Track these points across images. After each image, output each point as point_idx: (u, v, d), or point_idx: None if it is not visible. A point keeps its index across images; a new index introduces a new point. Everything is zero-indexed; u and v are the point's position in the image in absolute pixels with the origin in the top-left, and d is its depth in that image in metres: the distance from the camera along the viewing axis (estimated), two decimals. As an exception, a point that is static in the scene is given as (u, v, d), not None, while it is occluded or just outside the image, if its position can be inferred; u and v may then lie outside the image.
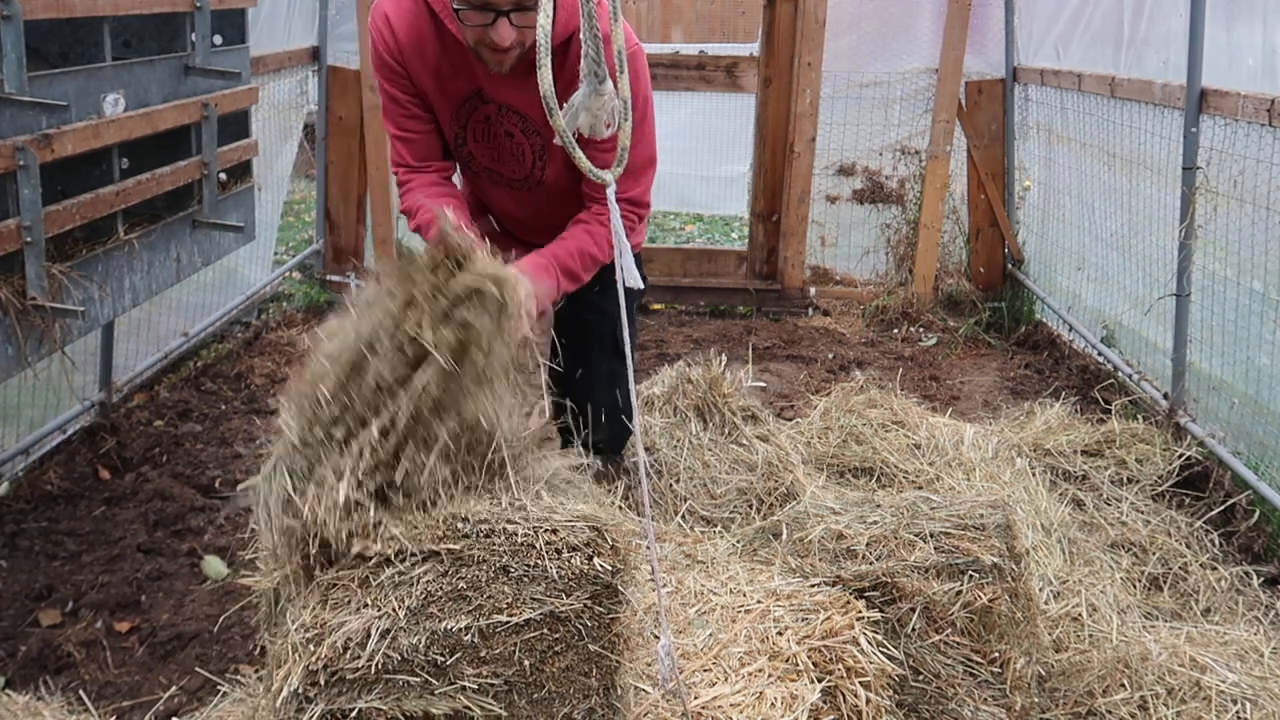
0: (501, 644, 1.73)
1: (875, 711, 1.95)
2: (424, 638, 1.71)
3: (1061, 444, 3.66)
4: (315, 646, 1.72)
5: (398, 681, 1.71)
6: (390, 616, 1.71)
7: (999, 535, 2.28)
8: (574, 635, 1.76)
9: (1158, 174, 4.11)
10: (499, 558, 1.75)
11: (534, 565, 1.75)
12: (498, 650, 1.73)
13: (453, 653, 1.71)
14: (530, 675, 1.74)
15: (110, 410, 4.04)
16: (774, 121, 5.74)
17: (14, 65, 2.26)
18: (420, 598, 1.73)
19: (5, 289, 2.31)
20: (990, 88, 5.73)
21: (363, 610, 1.73)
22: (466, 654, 1.72)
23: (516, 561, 1.75)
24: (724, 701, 1.90)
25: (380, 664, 1.70)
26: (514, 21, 2.26)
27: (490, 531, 1.77)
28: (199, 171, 3.07)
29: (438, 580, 1.74)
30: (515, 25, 2.26)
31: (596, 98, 1.78)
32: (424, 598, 1.73)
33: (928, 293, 5.74)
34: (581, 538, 1.77)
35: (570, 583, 1.75)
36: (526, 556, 1.75)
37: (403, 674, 1.70)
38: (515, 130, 2.56)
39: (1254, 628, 2.79)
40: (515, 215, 2.79)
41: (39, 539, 3.26)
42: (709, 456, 3.22)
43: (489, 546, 1.76)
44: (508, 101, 2.50)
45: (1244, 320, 3.56)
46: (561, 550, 1.76)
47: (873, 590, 2.17)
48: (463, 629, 1.71)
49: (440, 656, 1.71)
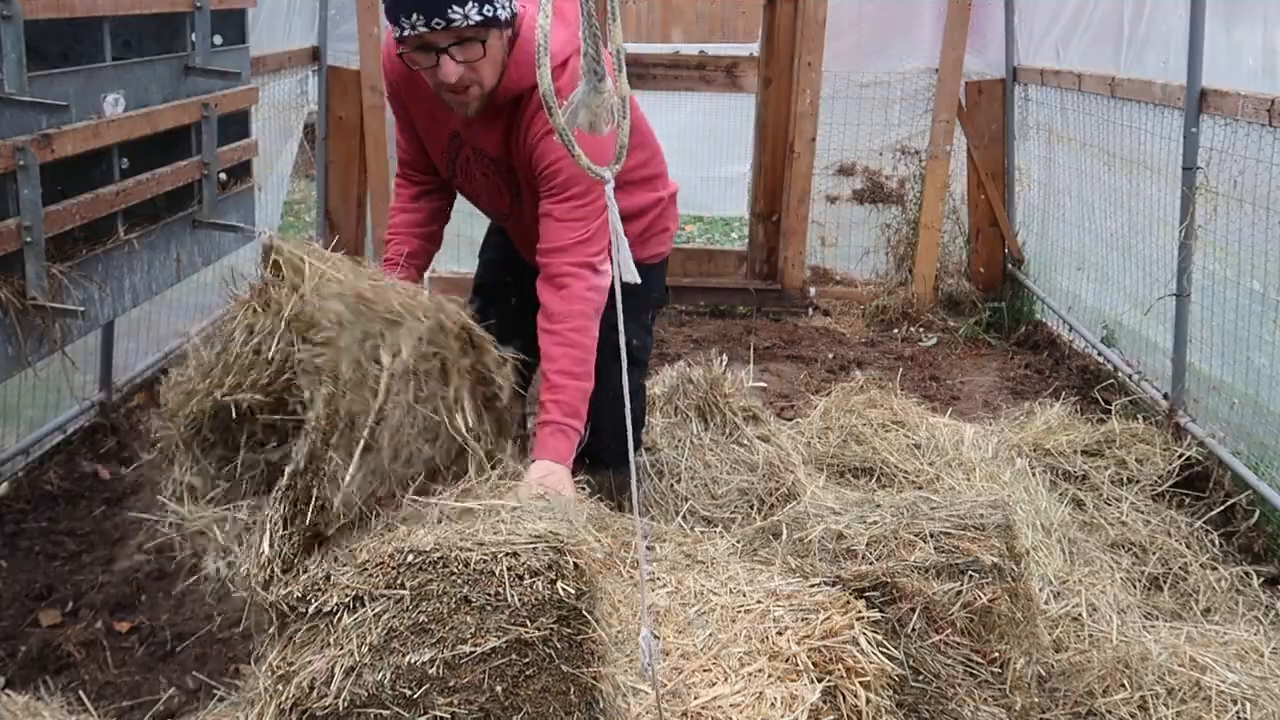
0: (470, 673, 1.70)
1: (875, 711, 1.95)
2: (388, 673, 1.69)
3: (1061, 444, 3.65)
4: (283, 686, 1.72)
5: (369, 715, 1.70)
6: (353, 655, 1.70)
7: (999, 535, 2.28)
8: (544, 659, 1.73)
9: (1158, 174, 4.11)
10: (459, 589, 1.72)
11: (495, 594, 1.71)
12: (466, 679, 1.71)
13: (420, 685, 1.70)
14: (505, 699, 1.72)
15: (110, 410, 4.04)
16: (774, 121, 5.73)
17: (14, 65, 2.25)
18: (382, 634, 1.71)
19: (5, 289, 2.30)
20: (990, 88, 5.73)
21: (325, 650, 1.72)
22: (434, 685, 1.70)
23: (477, 591, 1.72)
24: (724, 701, 1.90)
25: (348, 700, 1.69)
26: (457, 57, 2.26)
27: (444, 560, 1.73)
28: (199, 171, 3.07)
29: (399, 615, 1.72)
30: (460, 61, 2.26)
31: (596, 95, 1.77)
32: (386, 634, 1.71)
33: (928, 293, 5.74)
34: (543, 561, 1.73)
35: (534, 609, 1.71)
36: (487, 585, 1.72)
37: (372, 708, 1.69)
38: (489, 172, 2.58)
39: (1254, 628, 2.78)
40: (516, 239, 2.82)
41: (39, 539, 3.26)
42: (710, 456, 3.22)
43: (447, 577, 1.73)
44: (477, 145, 2.54)
45: (1244, 320, 3.56)
46: (523, 575, 1.72)
47: (873, 590, 2.17)
48: (427, 662, 1.69)
49: (408, 690, 1.69)
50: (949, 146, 5.66)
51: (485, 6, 2.21)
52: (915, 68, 5.68)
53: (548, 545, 1.74)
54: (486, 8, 2.22)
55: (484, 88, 2.34)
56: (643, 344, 2.85)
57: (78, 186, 2.56)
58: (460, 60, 2.26)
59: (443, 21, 2.19)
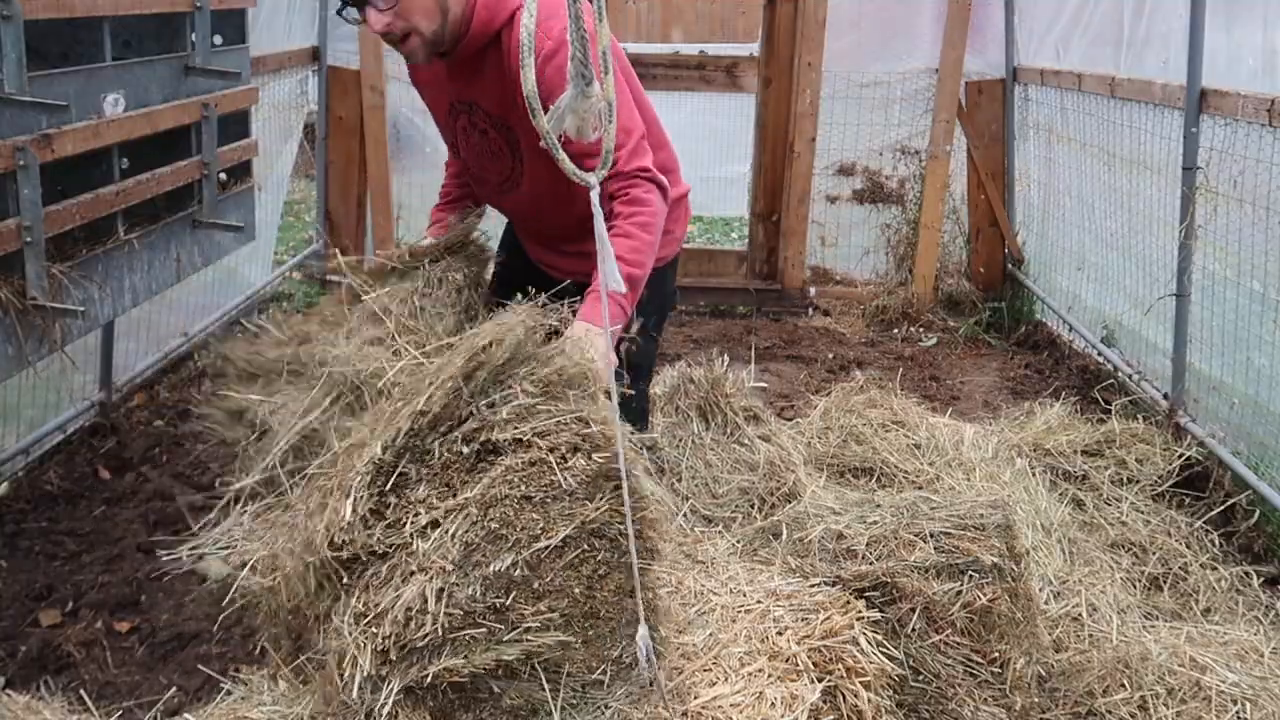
0: (550, 572, 1.77)
1: (875, 711, 1.95)
2: (478, 585, 1.74)
3: (1061, 444, 3.66)
4: (376, 627, 1.75)
5: (464, 638, 1.74)
6: (440, 575, 1.74)
7: (999, 535, 2.28)
8: (612, 549, 1.80)
9: (1157, 174, 4.11)
10: (515, 489, 1.79)
11: (549, 484, 1.78)
12: (549, 580, 1.77)
13: (508, 592, 1.75)
14: (584, 603, 1.78)
15: (110, 410, 4.04)
16: (774, 121, 5.74)
17: (14, 65, 2.25)
18: (461, 550, 1.76)
19: (5, 289, 2.31)
20: (990, 88, 5.73)
21: (411, 578, 1.76)
22: (521, 591, 1.76)
23: (533, 486, 1.79)
24: (724, 701, 1.90)
25: (445, 624, 1.73)
26: (380, 5, 2.25)
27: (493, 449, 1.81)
28: (199, 171, 3.07)
29: (471, 529, 1.77)
30: (382, 9, 2.25)
31: (583, 100, 1.76)
32: (464, 548, 1.76)
33: (928, 293, 5.74)
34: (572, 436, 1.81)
35: (588, 487, 1.79)
36: (540, 478, 1.79)
37: (468, 628, 1.74)
38: (488, 129, 2.55)
39: (1254, 628, 2.79)
40: (522, 225, 2.80)
41: (39, 539, 3.26)
42: (711, 456, 3.22)
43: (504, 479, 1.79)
44: (474, 101, 2.51)
45: (1244, 320, 3.56)
46: (566, 456, 1.80)
47: (873, 590, 2.17)
48: (510, 565, 1.75)
49: (498, 599, 1.75)
50: (949, 146, 5.66)
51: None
52: (915, 68, 5.68)
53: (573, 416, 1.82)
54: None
55: (424, 34, 2.31)
56: (644, 350, 2.81)
57: (78, 186, 2.56)
58: (383, 9, 2.25)
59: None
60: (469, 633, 1.74)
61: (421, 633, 1.73)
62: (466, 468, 1.83)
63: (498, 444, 1.84)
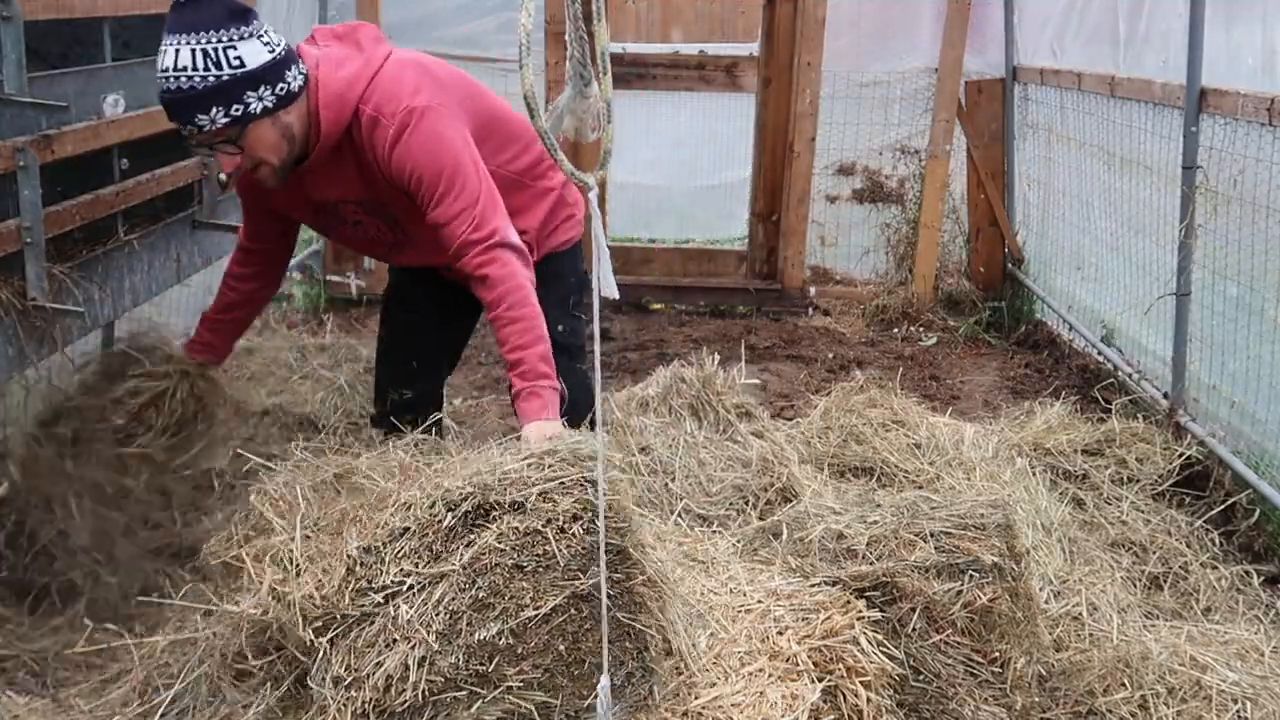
0: (535, 636, 1.76)
1: (875, 711, 1.95)
2: (460, 654, 1.73)
3: (1061, 443, 3.65)
4: (356, 691, 1.75)
5: (445, 700, 1.73)
6: (423, 645, 1.74)
7: (999, 535, 2.28)
8: (599, 608, 1.78)
9: (1157, 174, 4.11)
10: (508, 558, 1.77)
11: (543, 554, 1.77)
12: (533, 644, 1.76)
13: (491, 659, 1.74)
14: (568, 656, 1.77)
15: (110, 410, 4.03)
16: (774, 121, 5.73)
17: (14, 65, 2.26)
18: (446, 618, 1.75)
19: (6, 290, 2.31)
20: (990, 87, 5.73)
21: (393, 646, 1.75)
22: (504, 656, 1.74)
23: (526, 556, 1.77)
24: (724, 701, 1.90)
25: (426, 690, 1.72)
26: (225, 150, 2.35)
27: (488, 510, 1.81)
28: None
29: (458, 596, 1.76)
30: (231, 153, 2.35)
31: (582, 100, 1.76)
32: (449, 617, 1.75)
33: (928, 292, 5.74)
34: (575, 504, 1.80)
35: (583, 559, 1.77)
36: (534, 547, 1.77)
37: (449, 692, 1.73)
38: (363, 216, 2.64)
39: (1254, 627, 2.78)
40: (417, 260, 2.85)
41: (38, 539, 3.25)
42: (704, 454, 3.21)
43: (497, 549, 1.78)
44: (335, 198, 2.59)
45: (1244, 319, 3.56)
46: (564, 527, 1.79)
47: (873, 590, 2.17)
48: (495, 635, 1.74)
49: (481, 666, 1.74)
50: (949, 146, 5.65)
51: (234, 107, 2.30)
52: (915, 67, 5.68)
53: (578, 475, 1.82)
54: (235, 107, 2.30)
55: (272, 165, 2.41)
56: (571, 329, 2.87)
57: (78, 187, 2.56)
58: (231, 153, 2.35)
59: (194, 128, 2.31)
60: (450, 695, 1.73)
61: (401, 699, 1.73)
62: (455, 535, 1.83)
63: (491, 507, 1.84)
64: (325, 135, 2.44)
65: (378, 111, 2.42)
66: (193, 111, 2.28)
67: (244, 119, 2.31)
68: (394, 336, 3.05)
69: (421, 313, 3.00)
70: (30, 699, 2.21)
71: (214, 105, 2.28)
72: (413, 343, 3.01)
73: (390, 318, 3.08)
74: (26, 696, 2.21)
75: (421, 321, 3.01)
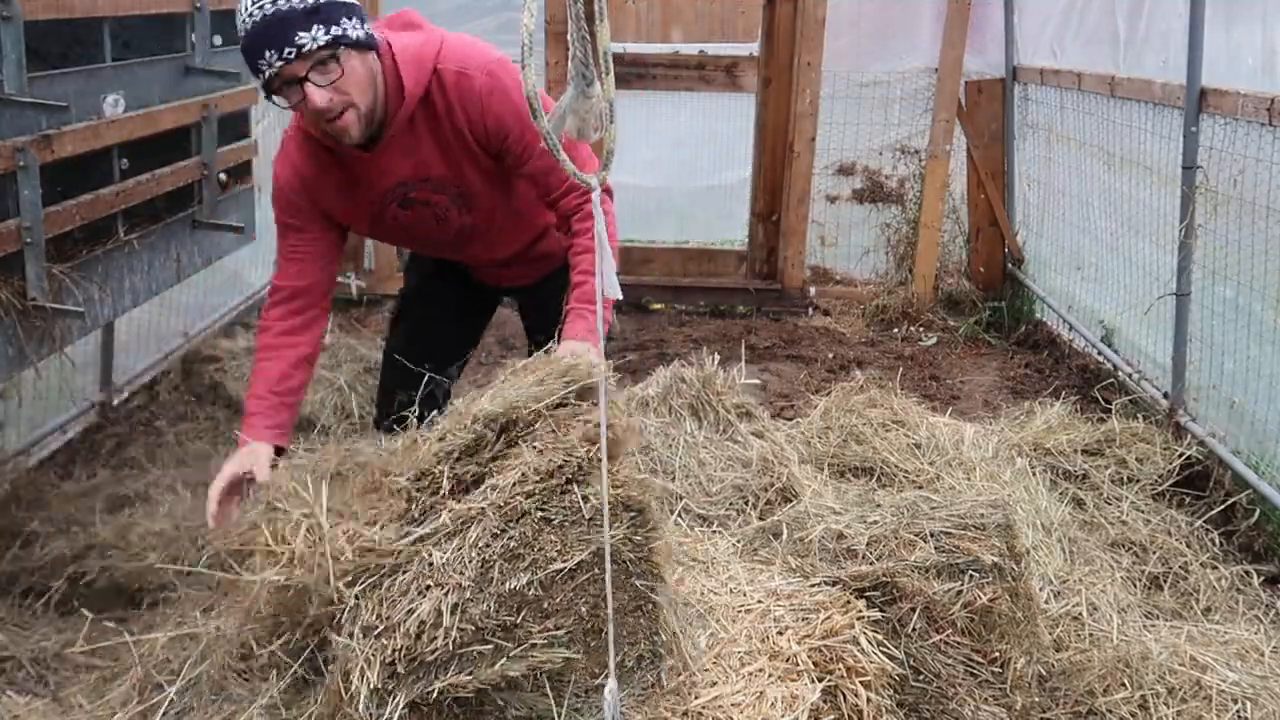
0: (560, 593, 1.80)
1: (875, 711, 1.95)
2: (491, 602, 1.78)
3: (1061, 443, 3.65)
4: (387, 639, 1.78)
5: (471, 653, 1.77)
6: (456, 590, 1.78)
7: (999, 535, 2.28)
8: (621, 573, 1.83)
9: (1157, 174, 4.11)
10: (538, 509, 1.83)
11: (568, 506, 1.82)
12: (558, 600, 1.80)
13: (519, 611, 1.78)
14: (589, 621, 1.81)
15: (110, 410, 4.03)
16: (774, 121, 5.73)
17: (14, 65, 2.26)
18: (478, 566, 1.80)
19: (6, 290, 2.31)
20: (990, 87, 5.73)
21: (428, 592, 1.79)
22: (531, 610, 1.79)
23: (554, 508, 1.83)
24: (724, 701, 1.90)
25: (455, 639, 1.76)
26: (319, 82, 2.27)
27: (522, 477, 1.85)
28: (199, 172, 3.07)
29: (490, 544, 1.81)
30: (322, 85, 2.27)
31: (584, 100, 1.75)
32: (482, 565, 1.80)
33: (928, 292, 5.74)
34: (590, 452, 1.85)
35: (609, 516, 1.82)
36: (562, 500, 1.83)
37: (476, 644, 1.77)
38: (430, 195, 2.59)
39: (1254, 627, 2.78)
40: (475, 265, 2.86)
41: (38, 540, 3.25)
42: (704, 454, 3.21)
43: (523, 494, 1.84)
44: (408, 176, 2.53)
45: (1244, 319, 3.56)
46: (591, 483, 1.83)
47: (873, 590, 2.17)
48: (525, 585, 1.79)
49: (509, 617, 1.78)
50: (949, 146, 5.66)
51: (332, 27, 2.25)
52: (915, 67, 5.68)
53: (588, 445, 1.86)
54: (334, 28, 2.25)
55: (358, 108, 2.34)
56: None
57: (78, 187, 2.56)
58: (323, 85, 2.27)
59: (293, 50, 2.22)
60: (476, 649, 1.76)
61: (431, 647, 1.75)
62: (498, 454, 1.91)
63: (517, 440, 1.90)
64: (410, 95, 2.40)
65: (462, 67, 2.41)
66: (293, 30, 2.21)
67: (342, 39, 2.25)
68: (414, 329, 3.03)
69: (442, 304, 3.01)
70: (30, 699, 2.21)
71: (314, 23, 2.22)
72: (431, 334, 2.99)
73: (409, 312, 3.07)
74: (26, 696, 2.21)
75: (441, 314, 3.01)
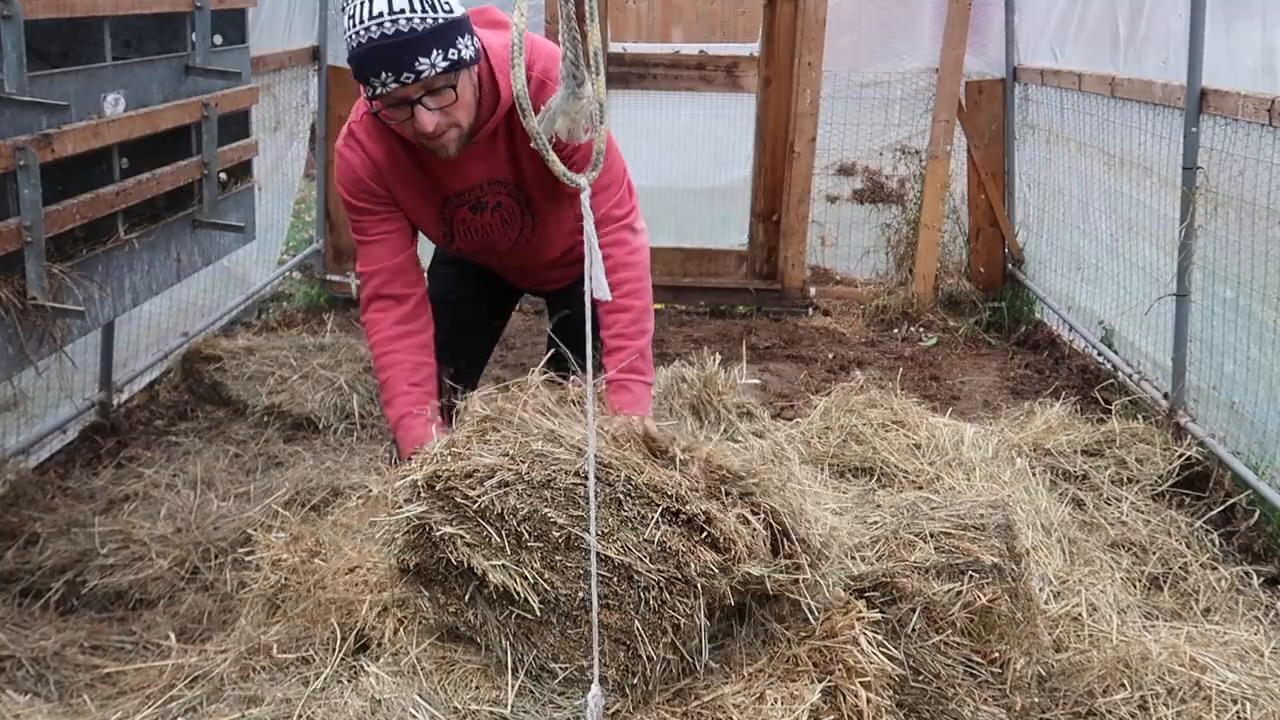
0: (575, 564, 1.85)
1: (875, 712, 1.95)
2: (526, 508, 1.85)
3: (1061, 444, 3.65)
4: (453, 460, 1.90)
5: (484, 531, 1.85)
6: (515, 474, 1.87)
7: (999, 535, 2.28)
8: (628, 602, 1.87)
9: (1157, 174, 4.11)
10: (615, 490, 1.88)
11: (638, 516, 1.87)
12: (571, 567, 1.86)
13: (537, 538, 1.86)
14: (573, 609, 1.87)
15: (110, 410, 4.04)
16: (774, 121, 5.73)
17: (14, 65, 2.25)
18: (543, 478, 1.87)
19: (6, 289, 2.31)
20: (990, 87, 5.73)
21: (503, 458, 1.89)
22: (545, 548, 1.86)
23: (630, 504, 1.88)
24: (724, 702, 1.90)
25: (483, 505, 1.84)
26: (430, 106, 2.26)
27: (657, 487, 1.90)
28: (199, 171, 3.07)
29: (564, 476, 1.88)
30: (433, 108, 2.26)
31: (575, 101, 1.75)
32: (546, 480, 1.87)
33: (928, 293, 5.74)
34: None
35: (657, 551, 1.87)
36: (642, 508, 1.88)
37: (490, 524, 1.85)
38: (504, 199, 2.56)
39: (1254, 627, 2.78)
40: (518, 267, 2.82)
41: (38, 540, 3.26)
42: (705, 454, 3.21)
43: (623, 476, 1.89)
44: (484, 178, 2.51)
45: (1244, 319, 3.56)
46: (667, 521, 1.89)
47: (873, 590, 2.17)
48: (556, 525, 1.85)
49: (526, 533, 1.85)
50: (949, 146, 5.66)
51: (450, 51, 2.21)
52: (915, 67, 5.68)
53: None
54: (451, 52, 2.21)
55: (462, 128, 2.33)
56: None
57: (78, 186, 2.56)
58: (433, 108, 2.25)
59: (412, 75, 2.19)
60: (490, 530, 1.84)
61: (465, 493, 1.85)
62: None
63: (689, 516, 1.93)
64: (503, 104, 2.36)
65: (545, 75, 2.34)
66: (413, 55, 2.16)
67: (459, 64, 2.22)
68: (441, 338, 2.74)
69: (474, 309, 2.93)
70: (30, 699, 2.21)
71: (434, 48, 2.17)
72: (463, 343, 2.89)
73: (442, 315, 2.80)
74: (27, 696, 2.21)
75: (473, 321, 2.93)
